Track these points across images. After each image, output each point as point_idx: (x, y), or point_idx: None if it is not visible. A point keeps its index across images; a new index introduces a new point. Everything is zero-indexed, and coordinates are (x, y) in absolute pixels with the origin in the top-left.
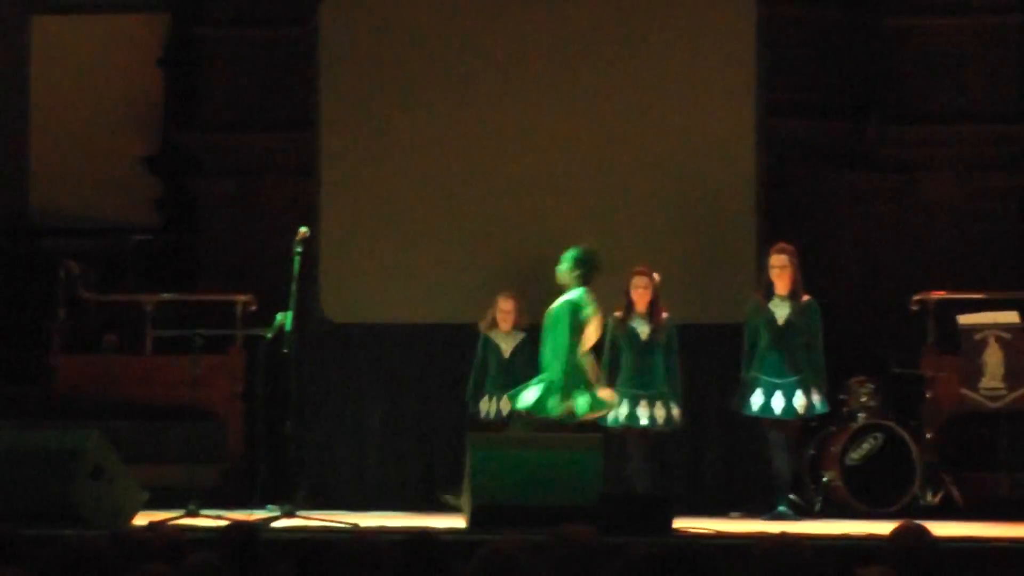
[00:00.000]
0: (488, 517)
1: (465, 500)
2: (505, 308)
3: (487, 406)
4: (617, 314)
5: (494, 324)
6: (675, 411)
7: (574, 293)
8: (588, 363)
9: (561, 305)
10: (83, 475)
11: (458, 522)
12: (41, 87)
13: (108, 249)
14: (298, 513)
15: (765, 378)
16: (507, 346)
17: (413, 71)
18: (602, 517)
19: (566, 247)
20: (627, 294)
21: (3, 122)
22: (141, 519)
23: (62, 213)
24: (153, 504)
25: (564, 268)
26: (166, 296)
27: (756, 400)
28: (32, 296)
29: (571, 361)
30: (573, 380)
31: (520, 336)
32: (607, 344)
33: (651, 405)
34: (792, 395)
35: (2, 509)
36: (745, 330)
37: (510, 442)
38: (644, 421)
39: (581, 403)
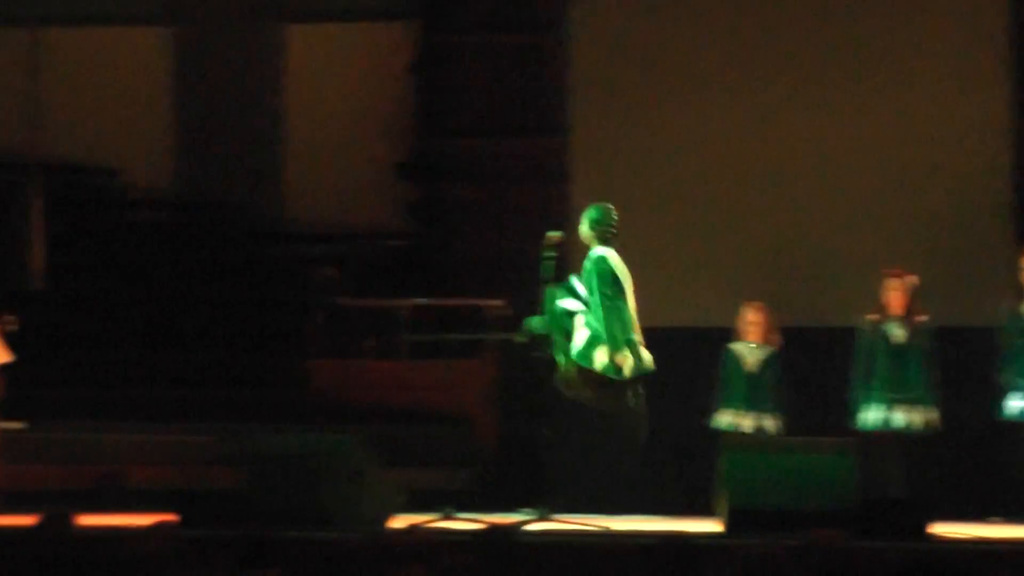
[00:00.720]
0: (743, 521)
1: (720, 504)
2: (751, 319)
3: (732, 420)
4: (871, 317)
5: (739, 335)
6: (932, 415)
7: (595, 251)
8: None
9: (585, 264)
10: (341, 478)
11: (713, 526)
12: (295, 94)
13: (361, 254)
14: (552, 516)
15: (1022, 381)
16: (753, 359)
17: (662, 73)
18: (858, 521)
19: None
20: (880, 297)
21: (259, 129)
22: (398, 522)
23: (317, 219)
24: (409, 507)
25: (583, 229)
26: (420, 301)
27: (1014, 404)
28: (288, 301)
29: (608, 313)
30: (617, 333)
31: (768, 350)
32: (860, 348)
33: (908, 409)
34: None
35: (262, 512)
36: (1002, 333)
37: (764, 445)
38: (900, 425)
39: (629, 363)
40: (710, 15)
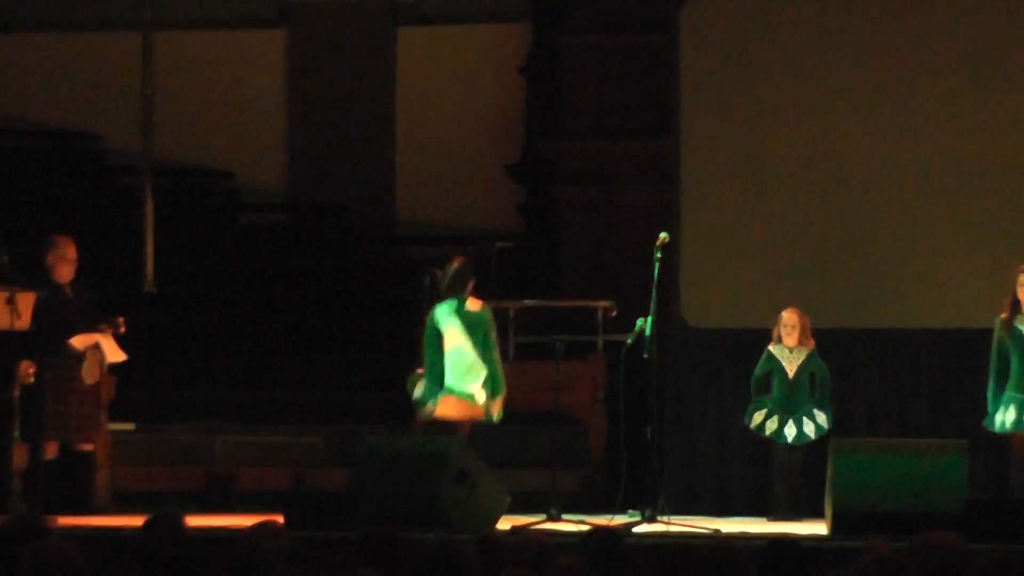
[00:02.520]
0: (850, 523)
1: (827, 506)
2: (789, 322)
3: (769, 425)
4: (1003, 316)
5: (776, 339)
6: None
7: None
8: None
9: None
10: (448, 480)
11: (820, 528)
12: (406, 97)
13: (472, 256)
14: (659, 518)
15: None
16: (791, 363)
17: (773, 75)
18: (969, 524)
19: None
20: (1013, 293)
21: (370, 132)
22: (504, 523)
23: (427, 221)
24: (515, 508)
25: None
26: (528, 302)
27: None
28: (398, 304)
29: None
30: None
31: (805, 352)
32: (994, 347)
33: None
34: None
35: (369, 513)
36: None
37: (873, 448)
38: None
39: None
40: (819, 18)
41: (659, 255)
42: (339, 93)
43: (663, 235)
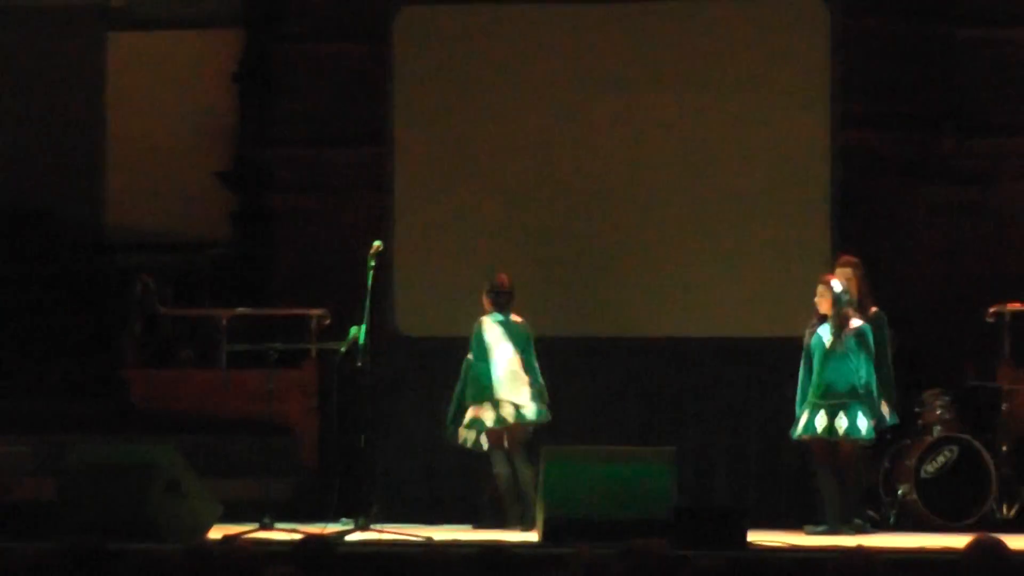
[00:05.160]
0: (560, 530)
1: (537, 513)
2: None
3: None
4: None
5: None
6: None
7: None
8: None
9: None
10: (158, 489)
11: (530, 536)
12: (117, 103)
13: (183, 263)
14: (372, 527)
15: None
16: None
17: (486, 85)
18: (675, 530)
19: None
20: None
21: (80, 138)
22: (215, 533)
23: (137, 228)
24: (227, 518)
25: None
26: (240, 310)
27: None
28: (108, 311)
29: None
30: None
31: None
32: None
33: None
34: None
35: (79, 523)
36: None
37: (582, 455)
38: None
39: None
40: (532, 28)
41: (372, 263)
42: (46, 98)
43: (376, 243)
